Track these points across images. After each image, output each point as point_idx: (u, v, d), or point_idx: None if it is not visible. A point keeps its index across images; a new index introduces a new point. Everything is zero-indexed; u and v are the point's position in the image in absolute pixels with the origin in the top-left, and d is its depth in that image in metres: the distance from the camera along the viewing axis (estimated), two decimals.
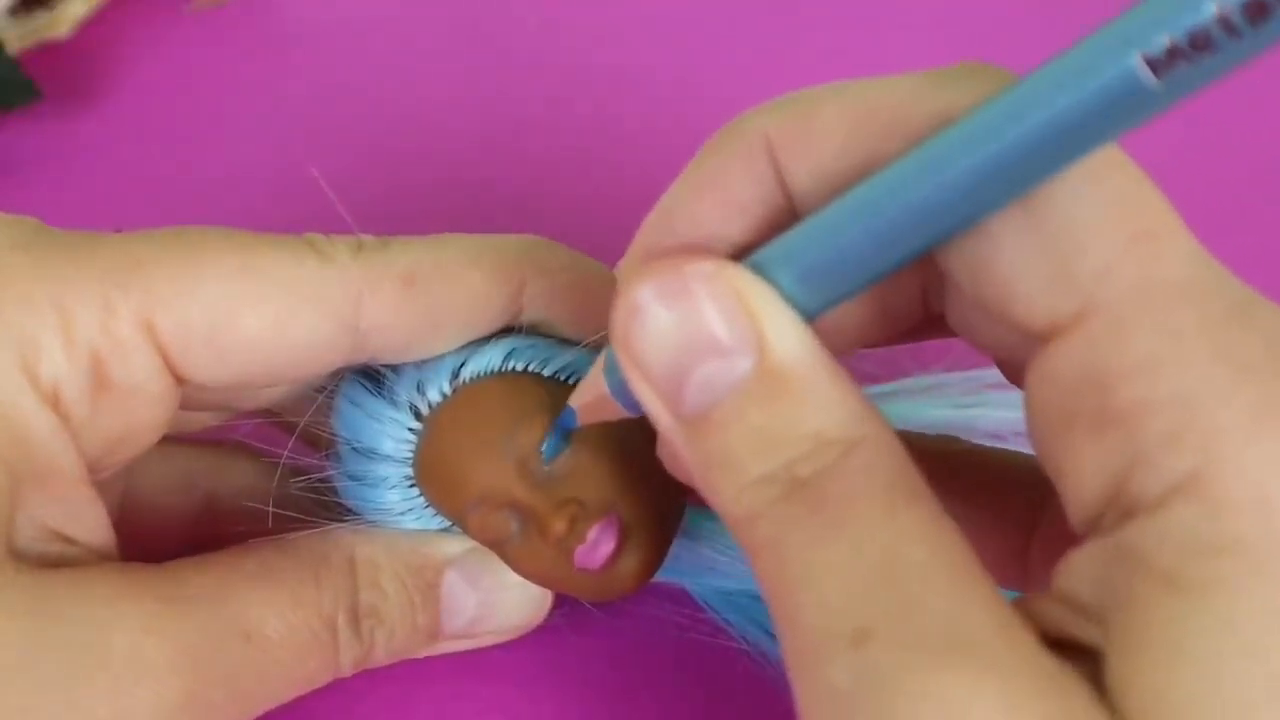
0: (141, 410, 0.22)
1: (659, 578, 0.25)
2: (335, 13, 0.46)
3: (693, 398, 0.18)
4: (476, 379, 0.24)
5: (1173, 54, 0.14)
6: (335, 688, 0.24)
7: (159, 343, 0.22)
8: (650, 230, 0.20)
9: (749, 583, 0.27)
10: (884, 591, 0.16)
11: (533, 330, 0.24)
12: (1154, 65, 0.14)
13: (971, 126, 0.16)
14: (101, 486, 0.23)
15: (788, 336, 0.18)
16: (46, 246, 0.21)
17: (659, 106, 0.41)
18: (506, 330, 0.24)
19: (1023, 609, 0.17)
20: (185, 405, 0.23)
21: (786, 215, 0.19)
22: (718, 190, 0.19)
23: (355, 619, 0.23)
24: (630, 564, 0.23)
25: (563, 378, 0.24)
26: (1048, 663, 0.16)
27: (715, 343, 0.18)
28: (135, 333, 0.21)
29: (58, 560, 0.21)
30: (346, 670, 0.24)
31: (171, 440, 0.25)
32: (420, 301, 0.23)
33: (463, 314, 0.23)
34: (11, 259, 0.21)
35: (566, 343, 0.25)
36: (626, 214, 0.37)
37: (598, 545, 0.23)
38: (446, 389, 0.24)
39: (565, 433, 0.23)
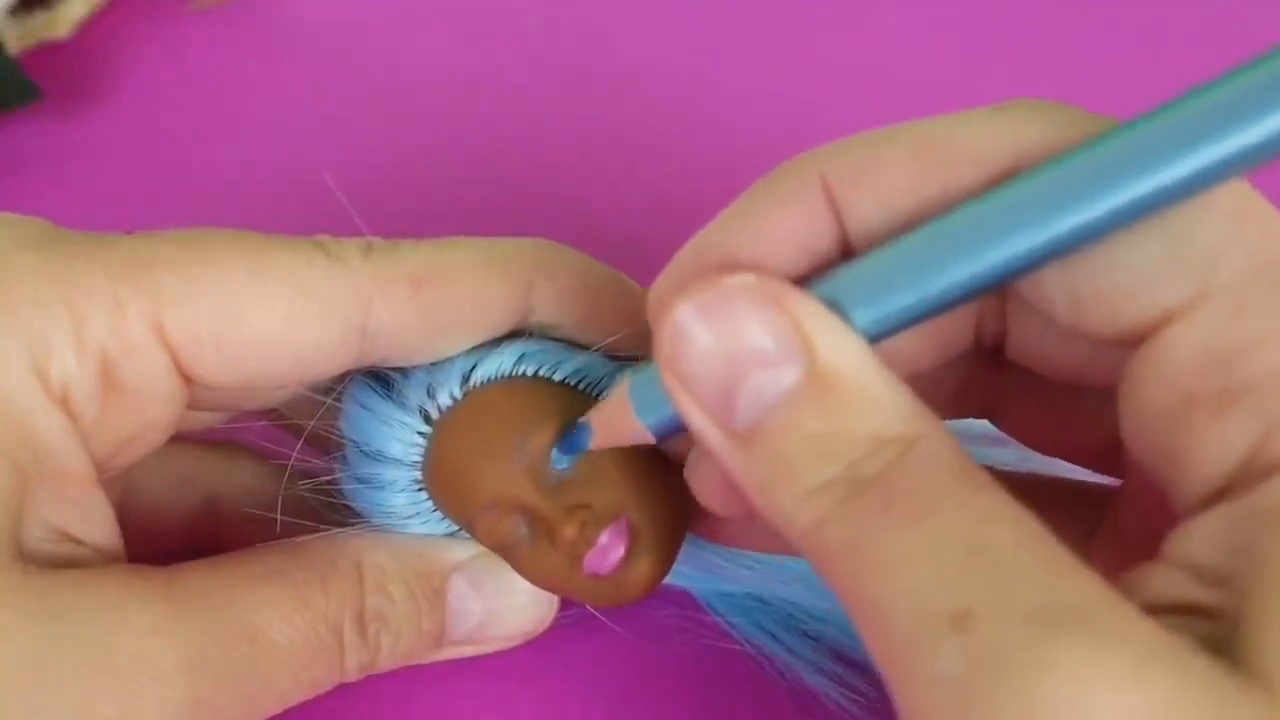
0: (150, 411, 0.22)
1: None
2: (335, 13, 0.46)
3: (744, 411, 0.18)
4: (487, 383, 0.24)
5: None
6: (336, 687, 0.24)
7: (168, 343, 0.21)
8: (690, 256, 0.20)
9: (752, 586, 0.27)
10: (978, 573, 0.16)
11: (542, 333, 0.24)
12: None
13: (1092, 168, 0.16)
14: (103, 486, 0.22)
15: (834, 340, 0.18)
16: (56, 247, 0.21)
17: (662, 107, 0.41)
18: (516, 333, 0.24)
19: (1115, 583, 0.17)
20: (192, 405, 0.23)
21: (833, 257, 0.19)
22: (767, 223, 0.19)
23: (361, 624, 0.23)
24: (640, 569, 0.23)
25: (574, 382, 0.24)
26: (1157, 628, 0.16)
27: (760, 354, 0.18)
28: (145, 333, 0.21)
29: (66, 561, 0.21)
30: (352, 675, 0.24)
31: (172, 440, 0.25)
32: (429, 304, 0.23)
33: (472, 317, 0.23)
34: (22, 259, 0.21)
35: (577, 346, 0.24)
36: (632, 216, 0.38)
37: (608, 550, 0.23)
38: (457, 393, 0.24)
39: (576, 438, 0.23)
